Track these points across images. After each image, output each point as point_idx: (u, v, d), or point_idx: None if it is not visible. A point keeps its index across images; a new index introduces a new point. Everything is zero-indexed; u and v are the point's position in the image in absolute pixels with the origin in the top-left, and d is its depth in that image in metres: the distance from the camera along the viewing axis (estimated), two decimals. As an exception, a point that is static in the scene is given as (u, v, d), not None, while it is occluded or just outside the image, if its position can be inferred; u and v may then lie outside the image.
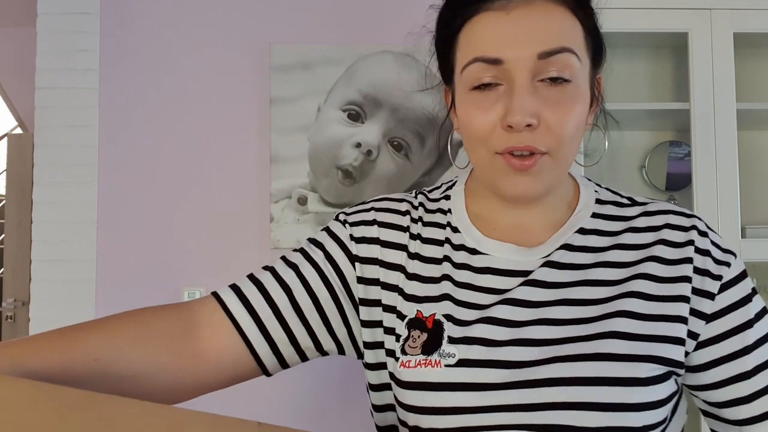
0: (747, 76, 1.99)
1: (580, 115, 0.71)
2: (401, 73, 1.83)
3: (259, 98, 1.88)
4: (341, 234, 0.79)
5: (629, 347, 0.68)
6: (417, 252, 0.78)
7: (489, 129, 0.70)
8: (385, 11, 1.89)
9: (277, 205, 1.83)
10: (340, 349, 0.79)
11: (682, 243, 0.75)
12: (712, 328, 0.73)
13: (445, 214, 0.81)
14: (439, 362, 0.69)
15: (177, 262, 1.81)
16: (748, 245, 1.80)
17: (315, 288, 0.77)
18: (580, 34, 0.72)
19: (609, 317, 0.70)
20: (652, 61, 2.10)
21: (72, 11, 1.87)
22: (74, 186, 1.84)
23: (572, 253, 0.75)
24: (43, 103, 1.85)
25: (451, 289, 0.74)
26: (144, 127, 1.88)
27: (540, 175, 0.71)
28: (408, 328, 0.73)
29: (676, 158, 2.09)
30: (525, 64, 0.68)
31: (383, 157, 1.82)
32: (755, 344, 0.73)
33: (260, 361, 0.75)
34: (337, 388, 1.80)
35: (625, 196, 0.82)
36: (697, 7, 1.83)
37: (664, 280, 0.73)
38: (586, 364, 0.67)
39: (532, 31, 0.69)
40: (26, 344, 0.65)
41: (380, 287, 0.77)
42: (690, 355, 0.73)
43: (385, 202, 0.82)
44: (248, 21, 1.91)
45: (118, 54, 1.89)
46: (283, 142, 1.83)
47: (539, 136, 0.69)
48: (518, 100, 0.68)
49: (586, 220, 0.77)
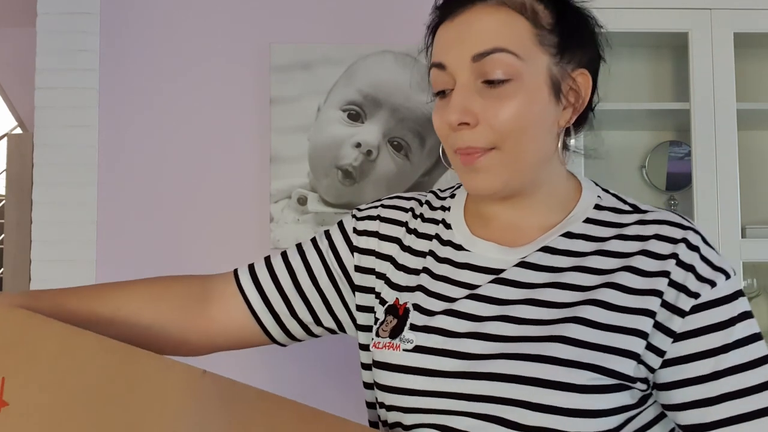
0: (747, 76, 1.99)
1: (524, 109, 0.72)
2: (401, 73, 1.83)
3: (259, 98, 1.88)
4: (348, 226, 0.88)
5: (573, 354, 0.68)
6: (409, 245, 0.84)
7: (446, 130, 0.75)
8: (385, 11, 1.89)
9: (277, 205, 1.83)
10: (341, 327, 0.88)
11: (665, 255, 0.73)
12: (682, 347, 0.70)
13: (444, 211, 0.85)
14: (399, 346, 0.75)
15: (177, 261, 1.81)
16: (748, 245, 1.80)
17: (316, 271, 0.87)
18: (525, 32, 0.73)
19: (564, 322, 0.70)
20: (652, 61, 2.10)
21: (72, 11, 1.87)
22: (74, 186, 1.84)
23: (552, 255, 0.76)
24: (43, 103, 1.85)
25: (427, 281, 0.79)
26: (144, 127, 1.88)
27: (491, 171, 0.74)
28: (385, 313, 0.80)
29: (676, 158, 2.09)
30: (462, 65, 0.73)
31: (383, 157, 1.82)
32: (727, 371, 0.69)
33: (266, 329, 0.86)
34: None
35: (629, 203, 0.82)
36: (697, 7, 1.83)
37: (635, 291, 0.71)
38: (529, 365, 0.69)
39: (466, 35, 0.73)
40: (68, 292, 0.81)
41: (375, 276, 0.84)
42: (657, 372, 0.71)
43: (394, 200, 0.89)
44: (248, 21, 1.90)
45: (118, 54, 1.89)
46: (283, 142, 1.83)
47: (478, 134, 0.73)
48: (452, 99, 0.73)
49: (576, 225, 0.78)
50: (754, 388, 0.68)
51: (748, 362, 0.69)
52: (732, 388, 0.68)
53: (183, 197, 1.87)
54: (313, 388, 1.80)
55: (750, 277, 2.01)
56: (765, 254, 1.84)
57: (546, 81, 0.74)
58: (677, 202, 2.07)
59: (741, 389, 0.68)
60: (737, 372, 0.68)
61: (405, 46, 1.81)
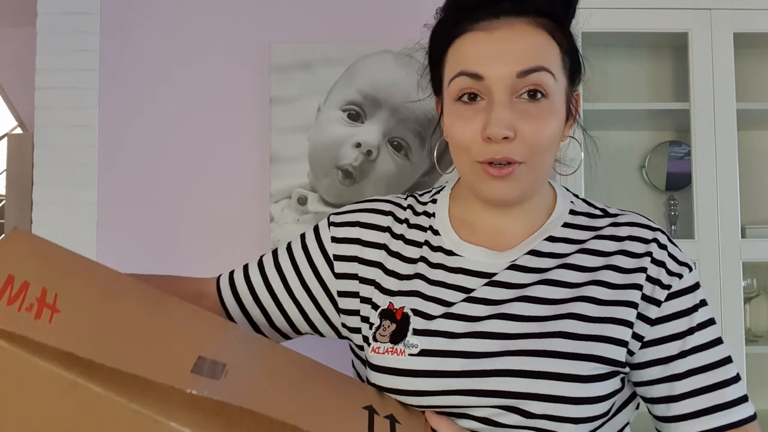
0: (747, 76, 1.99)
1: (555, 128, 0.78)
2: (401, 73, 1.83)
3: (259, 98, 1.88)
4: (324, 235, 0.90)
5: (574, 347, 0.75)
6: (398, 251, 0.86)
7: (470, 139, 0.77)
8: (385, 11, 1.89)
9: (277, 205, 1.83)
10: (316, 331, 0.91)
11: (641, 254, 0.81)
12: (656, 330, 0.79)
13: (429, 217, 0.89)
14: (404, 351, 0.77)
15: (177, 261, 1.81)
16: (748, 245, 1.80)
17: (289, 279, 0.89)
18: (557, 54, 0.78)
19: (560, 318, 0.77)
20: (652, 61, 2.10)
21: (72, 11, 1.87)
22: (74, 186, 1.84)
23: (539, 258, 0.82)
24: (43, 103, 1.85)
25: (423, 287, 0.82)
26: (144, 127, 1.88)
27: (516, 182, 0.78)
28: (380, 317, 0.81)
29: (676, 157, 2.09)
30: (504, 81, 0.75)
31: (383, 157, 1.82)
32: (691, 350, 0.78)
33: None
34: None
35: (598, 207, 0.88)
36: (697, 7, 1.83)
37: (618, 287, 0.79)
38: (534, 359, 0.74)
39: (511, 51, 0.76)
40: None
41: (358, 281, 0.86)
42: (634, 354, 0.79)
43: (371, 203, 0.91)
44: (248, 21, 1.91)
45: (118, 54, 1.89)
46: (283, 142, 1.83)
47: (515, 148, 0.76)
48: (496, 114, 0.75)
49: (557, 229, 0.84)
50: (713, 364, 0.78)
51: (707, 342, 0.79)
52: (695, 365, 0.78)
53: (183, 197, 1.88)
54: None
55: (750, 277, 2.01)
56: (765, 254, 1.84)
57: (564, 101, 0.80)
58: (677, 202, 2.07)
59: (702, 365, 0.78)
60: (699, 351, 0.78)
61: (405, 46, 1.81)
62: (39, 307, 0.60)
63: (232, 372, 0.63)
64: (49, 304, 0.60)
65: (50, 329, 0.58)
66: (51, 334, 0.57)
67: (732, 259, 1.78)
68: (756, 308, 2.09)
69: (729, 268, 1.77)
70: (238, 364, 0.65)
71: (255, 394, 0.63)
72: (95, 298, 0.66)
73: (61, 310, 0.61)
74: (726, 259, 1.78)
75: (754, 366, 1.89)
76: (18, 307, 0.59)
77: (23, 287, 0.61)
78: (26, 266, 0.64)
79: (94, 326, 0.62)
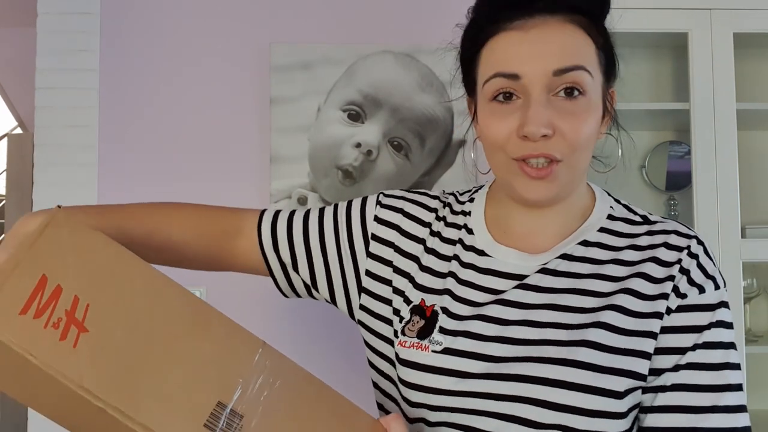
0: (747, 76, 1.99)
1: (593, 125, 0.76)
2: (401, 73, 1.83)
3: (259, 98, 1.88)
4: (369, 211, 0.91)
5: (601, 358, 0.72)
6: (434, 248, 0.86)
7: (506, 136, 0.76)
8: (385, 11, 1.89)
9: (277, 205, 1.83)
10: (333, 298, 0.91)
11: (672, 262, 0.77)
12: (660, 340, 0.75)
13: (465, 215, 0.88)
14: (428, 347, 0.78)
15: (177, 262, 1.82)
16: (748, 245, 1.80)
17: (327, 240, 0.90)
18: (593, 52, 0.77)
19: (589, 327, 0.74)
20: (652, 61, 2.10)
21: (72, 11, 1.87)
22: (74, 186, 1.84)
23: (571, 262, 0.80)
24: (43, 103, 1.85)
25: (453, 286, 0.81)
26: (144, 127, 1.88)
27: (555, 181, 0.76)
28: (411, 312, 0.82)
29: (676, 157, 2.09)
30: (540, 79, 0.74)
31: (383, 157, 1.82)
32: (686, 366, 0.74)
33: (273, 273, 0.93)
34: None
35: (639, 213, 0.85)
36: (697, 7, 1.83)
37: (648, 297, 0.76)
38: (555, 368, 0.72)
39: (547, 50, 0.74)
40: (125, 214, 0.89)
41: (392, 270, 0.86)
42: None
43: (420, 196, 0.92)
44: (248, 21, 1.91)
45: (118, 54, 1.89)
46: (283, 142, 1.83)
47: (554, 145, 0.74)
48: (534, 111, 0.73)
49: (591, 233, 0.82)
50: (706, 387, 0.73)
51: (709, 363, 0.74)
52: (684, 380, 0.73)
53: (183, 197, 1.87)
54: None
55: (750, 277, 2.01)
56: (765, 254, 1.84)
57: (600, 99, 0.79)
58: (677, 202, 2.07)
59: (692, 384, 0.73)
60: (694, 369, 0.74)
61: (405, 46, 1.81)
62: (66, 324, 0.59)
63: (247, 427, 0.63)
64: (77, 321, 0.60)
65: (73, 356, 0.58)
66: (73, 364, 0.58)
67: (732, 259, 1.78)
68: (756, 308, 2.09)
69: (729, 268, 1.77)
70: (255, 414, 0.64)
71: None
72: (127, 314, 0.64)
73: (89, 330, 0.60)
74: (726, 259, 1.78)
75: (754, 366, 1.89)
76: (45, 323, 0.58)
77: (55, 294, 0.60)
78: (62, 265, 0.63)
79: (117, 356, 0.61)
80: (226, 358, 0.67)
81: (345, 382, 0.97)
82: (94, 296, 0.62)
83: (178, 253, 0.90)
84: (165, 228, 0.90)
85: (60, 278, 0.61)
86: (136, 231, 0.86)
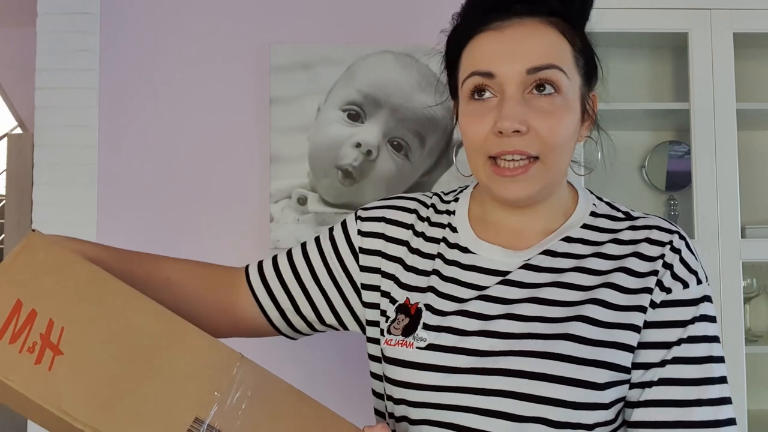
0: (747, 76, 1.99)
1: (569, 125, 0.78)
2: (401, 73, 1.83)
3: (259, 98, 1.88)
4: (351, 228, 0.92)
5: (582, 351, 0.74)
6: (418, 248, 0.87)
7: (483, 136, 0.78)
8: (385, 11, 1.89)
9: (277, 205, 1.83)
10: (342, 324, 0.92)
11: (655, 257, 0.79)
12: (645, 335, 0.77)
13: (450, 215, 0.89)
14: (412, 344, 0.79)
15: (177, 262, 1.81)
16: (748, 245, 1.80)
17: (318, 272, 0.91)
18: (569, 53, 0.79)
19: (571, 320, 0.76)
20: (652, 61, 2.10)
21: (72, 11, 1.87)
22: (74, 186, 1.84)
23: (554, 258, 0.81)
24: (43, 103, 1.85)
25: (437, 283, 0.83)
26: (144, 127, 1.88)
27: (531, 180, 0.77)
28: (396, 311, 0.83)
29: (676, 156, 2.09)
30: (515, 77, 0.76)
31: (383, 157, 1.82)
32: (672, 360, 0.75)
33: (273, 324, 0.93)
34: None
35: (622, 210, 0.87)
36: (697, 7, 1.83)
37: (630, 291, 0.77)
38: (538, 361, 0.74)
39: (522, 49, 0.77)
40: (129, 253, 0.88)
41: (380, 275, 0.88)
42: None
43: (398, 200, 0.93)
44: (248, 21, 1.90)
45: (118, 54, 1.89)
46: (283, 142, 1.83)
47: (528, 142, 0.76)
48: (507, 107, 0.75)
49: (575, 230, 0.84)
50: (691, 381, 0.75)
51: (694, 357, 0.75)
52: (669, 375, 0.75)
53: (183, 197, 1.88)
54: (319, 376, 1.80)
55: (750, 277, 2.01)
56: (765, 254, 1.84)
57: (579, 100, 0.81)
58: (677, 202, 2.07)
59: (677, 378, 0.75)
60: (679, 363, 0.75)
61: (405, 46, 1.81)
62: (42, 348, 0.60)
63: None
64: (52, 344, 0.61)
65: (50, 379, 0.59)
66: (50, 386, 0.59)
67: (732, 259, 1.78)
68: (756, 308, 2.09)
69: (729, 268, 1.77)
70: (233, 429, 0.65)
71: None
72: (102, 334, 0.65)
73: (64, 352, 0.61)
74: (726, 259, 1.78)
75: (754, 366, 1.89)
76: (20, 347, 0.59)
77: (30, 318, 0.61)
78: (37, 289, 0.64)
79: (94, 376, 0.62)
80: (204, 372, 0.67)
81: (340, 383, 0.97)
82: (69, 318, 0.63)
83: (179, 297, 0.88)
84: (165, 269, 0.89)
85: (35, 302, 0.62)
86: (138, 268, 0.85)
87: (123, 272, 0.79)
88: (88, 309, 0.65)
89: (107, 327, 0.65)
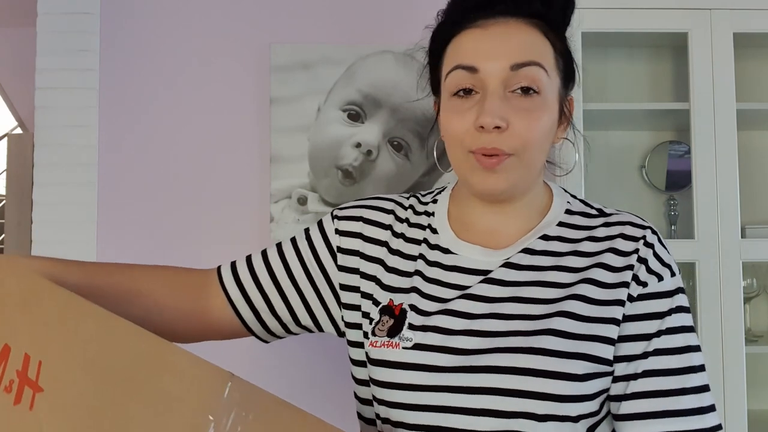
0: (747, 76, 1.99)
1: (546, 124, 0.80)
2: (401, 73, 1.83)
3: (259, 98, 1.88)
4: (328, 228, 0.91)
5: (564, 345, 0.76)
6: (398, 249, 0.88)
7: (464, 131, 0.80)
8: (385, 11, 1.89)
9: (277, 205, 1.83)
10: (318, 325, 0.91)
11: (629, 252, 0.82)
12: (625, 328, 0.79)
13: (428, 216, 0.91)
14: (398, 344, 0.80)
15: (176, 261, 1.81)
16: (748, 245, 1.80)
17: (295, 272, 0.90)
18: (550, 54, 0.82)
19: (551, 316, 0.78)
20: (652, 61, 2.10)
21: (72, 11, 1.87)
22: (74, 186, 1.84)
23: (533, 256, 0.84)
24: (43, 103, 1.85)
25: (420, 284, 0.84)
26: (144, 127, 1.88)
27: (505, 174, 0.79)
28: (380, 313, 0.84)
29: (676, 156, 2.09)
30: (498, 73, 0.78)
31: (383, 157, 1.82)
32: (654, 352, 0.78)
33: (247, 325, 0.91)
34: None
35: (595, 207, 0.89)
36: (697, 7, 1.83)
37: (608, 285, 0.80)
38: (522, 356, 0.75)
39: (505, 46, 0.79)
40: (94, 266, 0.86)
41: (359, 276, 0.88)
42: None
43: (374, 200, 0.93)
44: (248, 21, 1.91)
45: (118, 54, 1.89)
46: (283, 142, 1.83)
47: (506, 139, 0.78)
48: (489, 104, 0.77)
49: (551, 228, 0.86)
50: (673, 371, 0.77)
51: (673, 348, 0.78)
52: (653, 366, 0.78)
53: (183, 197, 1.88)
54: (301, 382, 1.80)
55: (750, 277, 2.01)
56: (765, 254, 1.84)
57: (557, 101, 0.82)
58: (677, 202, 2.07)
59: (660, 369, 0.77)
60: (660, 354, 0.78)
61: (405, 46, 1.81)
62: (20, 386, 0.57)
63: None
64: (31, 381, 0.57)
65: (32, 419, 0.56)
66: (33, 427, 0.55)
67: (732, 259, 1.78)
68: (756, 308, 2.09)
69: (729, 268, 1.77)
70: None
71: None
72: (82, 363, 0.60)
73: (44, 388, 0.57)
74: (726, 259, 1.78)
75: (754, 366, 1.89)
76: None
77: (3, 354, 0.57)
78: (8, 321, 0.60)
79: (78, 409, 0.58)
80: (194, 395, 0.62)
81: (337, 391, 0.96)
82: (46, 350, 0.59)
83: (151, 308, 0.85)
84: (135, 281, 0.86)
85: (7, 337, 0.59)
86: (106, 282, 0.83)
87: (90, 288, 0.78)
88: (63, 339, 0.61)
89: (86, 356, 0.61)
